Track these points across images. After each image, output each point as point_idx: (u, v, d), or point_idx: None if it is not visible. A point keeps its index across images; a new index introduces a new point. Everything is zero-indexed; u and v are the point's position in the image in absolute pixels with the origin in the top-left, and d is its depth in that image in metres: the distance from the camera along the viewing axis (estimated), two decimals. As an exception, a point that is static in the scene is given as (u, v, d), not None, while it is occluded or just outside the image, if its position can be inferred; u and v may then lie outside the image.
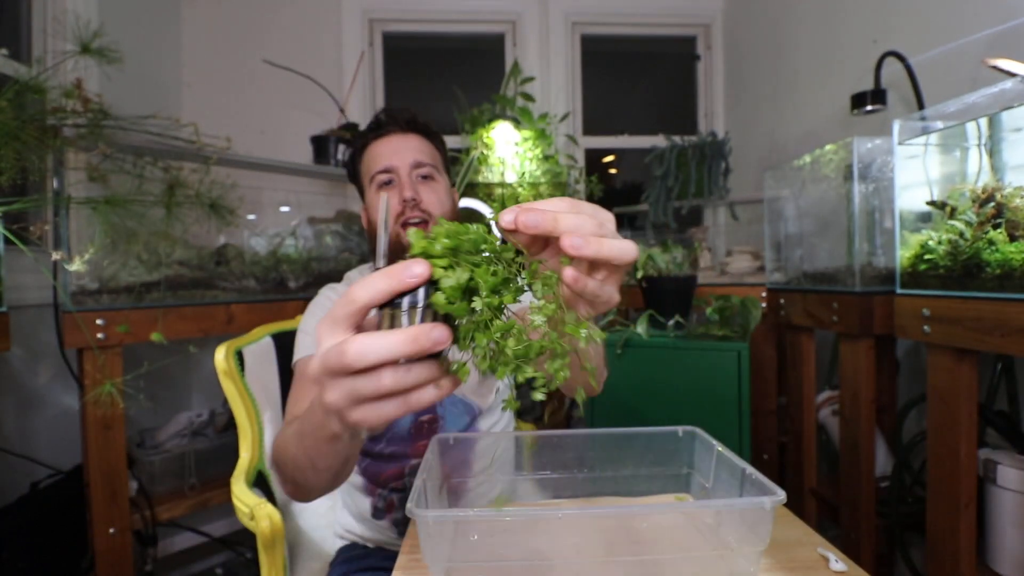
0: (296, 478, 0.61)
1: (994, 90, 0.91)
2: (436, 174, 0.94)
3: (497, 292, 0.35)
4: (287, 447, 0.61)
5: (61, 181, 1.17)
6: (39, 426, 1.47)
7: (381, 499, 0.94)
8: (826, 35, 1.79)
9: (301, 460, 0.56)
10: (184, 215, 1.27)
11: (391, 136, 0.94)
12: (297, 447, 0.56)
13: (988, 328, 0.87)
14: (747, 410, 1.28)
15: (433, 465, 0.64)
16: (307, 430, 0.52)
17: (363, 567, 0.91)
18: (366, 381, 0.36)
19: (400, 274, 0.35)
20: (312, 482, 0.59)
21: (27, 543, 1.24)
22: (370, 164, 0.93)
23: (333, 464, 0.54)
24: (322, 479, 0.58)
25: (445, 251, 0.35)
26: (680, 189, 1.88)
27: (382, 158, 0.91)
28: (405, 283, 0.35)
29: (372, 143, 0.94)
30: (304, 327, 0.91)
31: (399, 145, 0.93)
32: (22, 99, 1.06)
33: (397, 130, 0.94)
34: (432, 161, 0.94)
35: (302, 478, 0.59)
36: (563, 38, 2.35)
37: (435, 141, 0.98)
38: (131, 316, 1.24)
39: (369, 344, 0.35)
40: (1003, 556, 1.01)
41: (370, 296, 0.36)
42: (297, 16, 2.19)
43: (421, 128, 0.96)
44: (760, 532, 0.52)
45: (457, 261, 0.35)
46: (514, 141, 1.92)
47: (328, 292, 0.96)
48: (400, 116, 0.95)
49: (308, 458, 0.54)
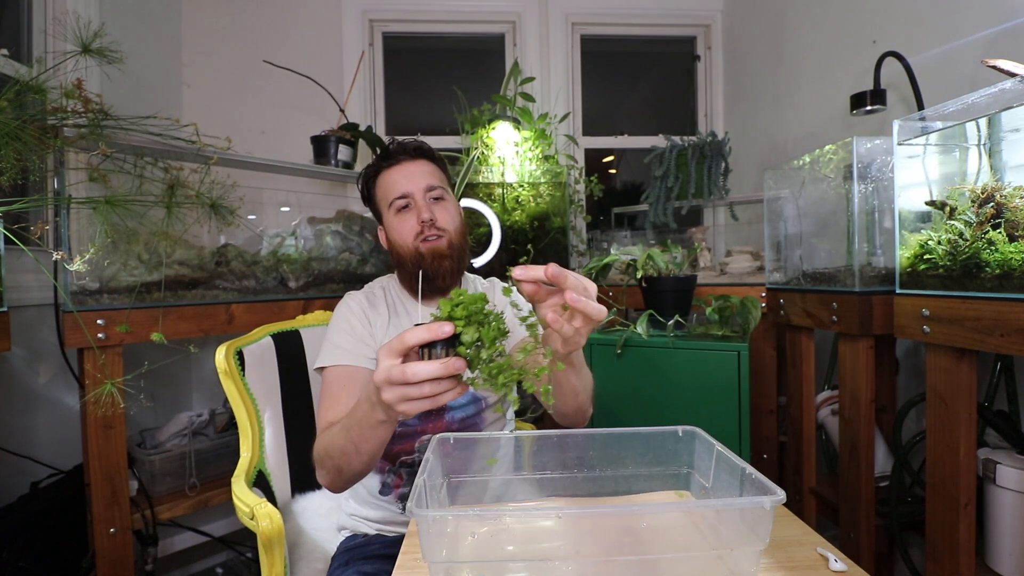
0: (341, 465, 0.77)
1: (993, 90, 0.91)
2: (445, 194, 1.04)
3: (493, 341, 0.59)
4: (334, 440, 0.77)
5: (61, 181, 1.18)
6: (40, 426, 1.47)
7: (391, 475, 1.00)
8: (826, 35, 1.79)
9: (348, 447, 0.74)
10: (184, 215, 1.27)
11: (403, 164, 1.02)
12: (345, 438, 0.74)
13: (988, 328, 0.87)
14: (747, 410, 1.28)
15: (433, 465, 0.65)
16: (355, 421, 0.72)
17: (364, 555, 0.95)
18: (414, 389, 0.59)
19: (436, 331, 0.57)
20: (355, 465, 0.76)
21: (27, 543, 1.24)
22: (387, 191, 1.02)
23: (373, 447, 0.73)
24: (363, 461, 0.76)
25: (462, 316, 0.58)
26: (680, 189, 1.88)
27: (398, 185, 1.00)
28: (438, 335, 0.57)
29: (385, 171, 1.03)
30: (331, 338, 0.98)
31: (412, 171, 1.01)
32: (22, 99, 1.06)
33: (407, 158, 1.03)
34: (441, 183, 1.03)
35: (347, 463, 0.76)
36: (563, 38, 2.36)
37: (440, 164, 1.07)
38: (131, 316, 1.24)
39: (420, 367, 0.58)
40: (1003, 556, 1.01)
41: (416, 340, 0.58)
42: (297, 16, 2.19)
43: (428, 154, 1.05)
44: (760, 532, 0.52)
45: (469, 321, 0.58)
46: (514, 141, 1.92)
47: (350, 301, 1.03)
48: (408, 145, 1.04)
49: (354, 444, 0.73)
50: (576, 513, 0.59)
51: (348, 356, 0.93)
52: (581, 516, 0.60)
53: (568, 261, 1.93)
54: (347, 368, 0.93)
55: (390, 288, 1.08)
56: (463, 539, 0.59)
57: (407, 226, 0.99)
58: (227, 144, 1.45)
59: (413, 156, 1.03)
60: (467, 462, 0.74)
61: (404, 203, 1.00)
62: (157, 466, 1.46)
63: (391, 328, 1.01)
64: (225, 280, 1.44)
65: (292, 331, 1.21)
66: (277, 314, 1.47)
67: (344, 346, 0.95)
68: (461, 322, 0.58)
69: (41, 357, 1.48)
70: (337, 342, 0.96)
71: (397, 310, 1.04)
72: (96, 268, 1.23)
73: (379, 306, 1.03)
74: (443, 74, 2.47)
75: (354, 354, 0.94)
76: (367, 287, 1.09)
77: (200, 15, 2.12)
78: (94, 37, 1.16)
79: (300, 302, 1.53)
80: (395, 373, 0.58)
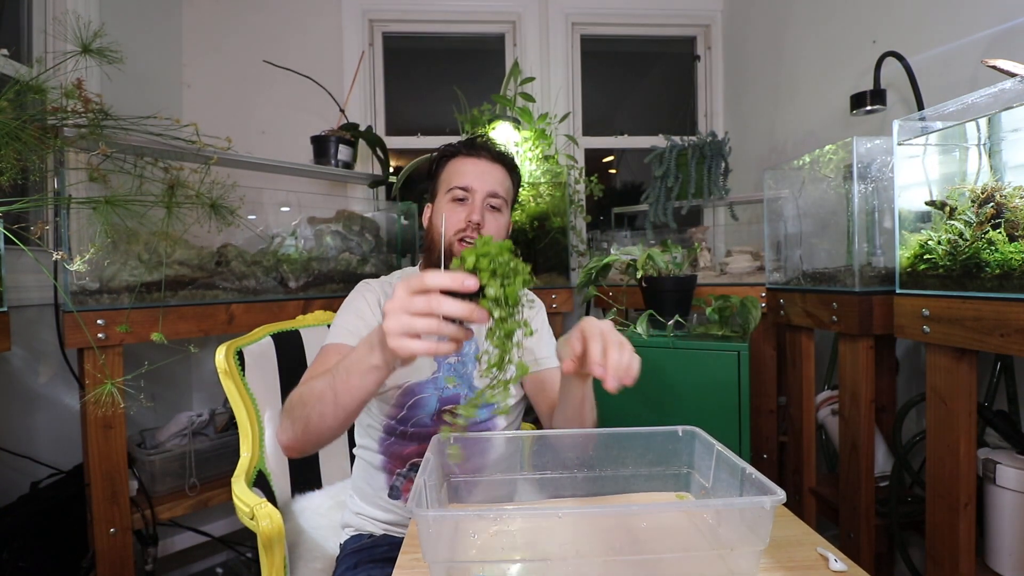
0: (311, 415, 0.73)
1: (993, 90, 0.91)
2: (504, 207, 1.03)
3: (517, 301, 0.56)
4: (313, 386, 0.73)
5: (62, 181, 1.18)
6: (40, 426, 1.47)
7: (400, 478, 0.99)
8: (826, 35, 1.79)
9: (327, 393, 0.70)
10: (184, 215, 1.26)
11: (480, 160, 1.01)
12: (326, 383, 0.70)
13: (988, 328, 0.87)
14: (747, 410, 1.28)
15: (433, 465, 0.65)
16: (344, 366, 0.68)
17: (373, 558, 0.93)
18: (421, 322, 0.56)
19: (459, 282, 0.55)
20: (327, 417, 0.71)
21: (28, 543, 1.24)
22: (452, 176, 1.00)
23: (352, 399, 0.69)
24: (336, 416, 0.71)
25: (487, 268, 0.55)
26: (680, 189, 1.88)
27: (466, 176, 0.99)
28: (461, 288, 0.55)
29: (461, 158, 1.02)
30: (337, 320, 0.97)
31: (484, 170, 1.00)
32: (23, 99, 1.06)
33: (487, 156, 1.02)
34: (505, 195, 1.03)
35: (318, 414, 0.72)
36: (563, 38, 2.36)
37: (514, 178, 1.06)
38: (132, 316, 1.24)
39: (437, 276, 0.56)
40: (1003, 556, 1.01)
41: (436, 285, 0.55)
42: (297, 16, 2.19)
43: (507, 163, 1.04)
44: (760, 532, 0.52)
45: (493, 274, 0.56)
46: (514, 141, 1.92)
47: (364, 289, 1.01)
48: (492, 147, 1.04)
49: (334, 390, 0.69)
50: (576, 513, 0.59)
51: (352, 337, 0.91)
52: (581, 516, 0.60)
53: (568, 261, 1.93)
54: (347, 347, 0.89)
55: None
56: (463, 539, 0.59)
57: (455, 217, 0.97)
58: (227, 144, 1.45)
59: (493, 158, 1.02)
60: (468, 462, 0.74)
61: (463, 195, 0.98)
62: (157, 466, 1.46)
63: None
64: (225, 280, 1.44)
65: (292, 331, 1.21)
66: (277, 314, 1.47)
67: (348, 327, 0.93)
68: (486, 274, 0.55)
69: (41, 357, 1.48)
70: (342, 323, 0.95)
71: None
72: (96, 268, 1.23)
73: None
74: (443, 74, 2.47)
75: (358, 336, 0.91)
76: (385, 277, 1.08)
77: (200, 15, 2.12)
78: (94, 37, 1.16)
79: (300, 302, 1.53)
80: (417, 302, 0.56)
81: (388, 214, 1.96)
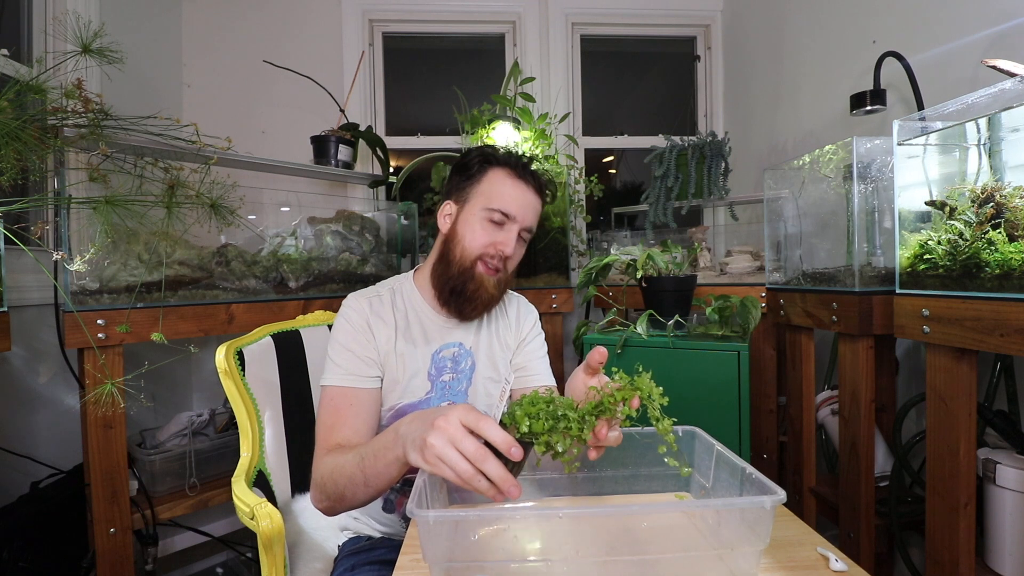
0: (345, 494, 0.76)
1: (993, 90, 0.91)
2: (529, 239, 1.01)
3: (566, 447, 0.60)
4: (343, 467, 0.76)
5: (62, 181, 1.17)
6: (40, 426, 1.47)
7: (394, 492, 0.98)
8: (826, 35, 1.79)
9: (357, 476, 0.73)
10: (184, 215, 1.26)
11: (528, 188, 0.98)
12: (356, 466, 0.73)
13: (987, 328, 0.87)
14: (747, 410, 1.28)
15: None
16: (371, 451, 0.72)
17: (371, 560, 0.93)
18: (467, 457, 0.57)
19: (509, 445, 0.57)
20: (360, 496, 0.75)
21: (28, 542, 1.24)
22: (494, 194, 0.95)
23: (382, 483, 0.72)
24: (368, 494, 0.75)
25: (534, 433, 0.59)
26: (680, 189, 1.88)
27: (511, 203, 0.95)
28: (508, 453, 0.57)
29: (507, 175, 0.97)
30: (331, 353, 0.93)
31: (529, 201, 0.98)
32: (23, 99, 1.06)
33: (534, 185, 0.99)
34: (534, 230, 1.01)
35: (351, 493, 0.75)
36: (563, 38, 2.35)
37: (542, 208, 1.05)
38: (132, 316, 1.24)
39: (493, 429, 0.58)
40: (1003, 556, 1.01)
41: (490, 438, 0.58)
42: (297, 16, 2.19)
43: (547, 197, 1.04)
44: (760, 531, 0.52)
45: (540, 433, 0.59)
46: (514, 141, 1.92)
47: (349, 312, 0.96)
48: (542, 177, 1.02)
49: (364, 475, 0.72)
50: (576, 513, 0.59)
51: (348, 377, 0.90)
52: (581, 516, 0.60)
53: (568, 261, 1.93)
54: (349, 389, 0.89)
55: (402, 292, 1.01)
56: (463, 539, 0.59)
57: (486, 237, 0.94)
58: (227, 144, 1.45)
59: (538, 190, 0.99)
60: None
61: (501, 219, 0.94)
62: (157, 466, 1.46)
63: (399, 341, 0.95)
64: (225, 280, 1.44)
65: (292, 331, 1.21)
66: (277, 314, 1.47)
67: (343, 365, 0.91)
68: (543, 436, 0.59)
69: (41, 357, 1.48)
70: (341, 362, 0.91)
71: (408, 320, 0.98)
72: (96, 268, 1.23)
73: (384, 313, 0.96)
74: (443, 74, 2.47)
75: (354, 375, 0.90)
76: (372, 289, 1.01)
77: (200, 15, 2.12)
78: (94, 37, 1.16)
79: (300, 302, 1.53)
80: (468, 446, 0.57)
81: (388, 214, 1.96)
